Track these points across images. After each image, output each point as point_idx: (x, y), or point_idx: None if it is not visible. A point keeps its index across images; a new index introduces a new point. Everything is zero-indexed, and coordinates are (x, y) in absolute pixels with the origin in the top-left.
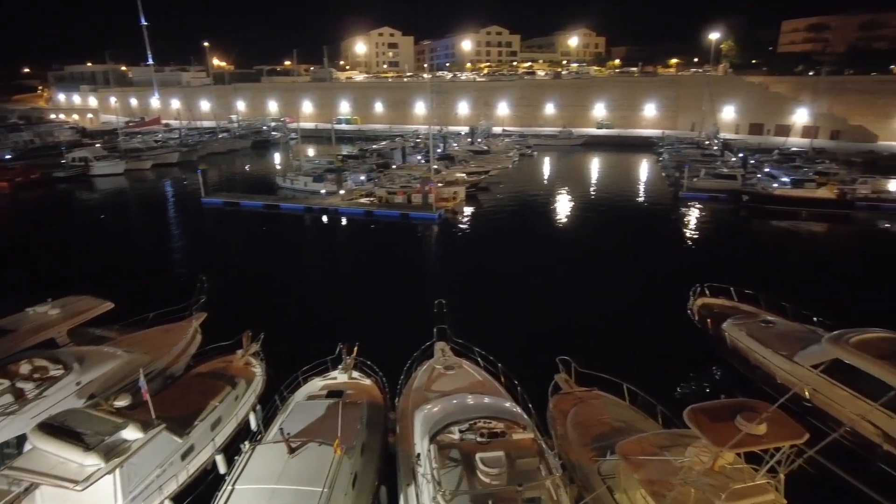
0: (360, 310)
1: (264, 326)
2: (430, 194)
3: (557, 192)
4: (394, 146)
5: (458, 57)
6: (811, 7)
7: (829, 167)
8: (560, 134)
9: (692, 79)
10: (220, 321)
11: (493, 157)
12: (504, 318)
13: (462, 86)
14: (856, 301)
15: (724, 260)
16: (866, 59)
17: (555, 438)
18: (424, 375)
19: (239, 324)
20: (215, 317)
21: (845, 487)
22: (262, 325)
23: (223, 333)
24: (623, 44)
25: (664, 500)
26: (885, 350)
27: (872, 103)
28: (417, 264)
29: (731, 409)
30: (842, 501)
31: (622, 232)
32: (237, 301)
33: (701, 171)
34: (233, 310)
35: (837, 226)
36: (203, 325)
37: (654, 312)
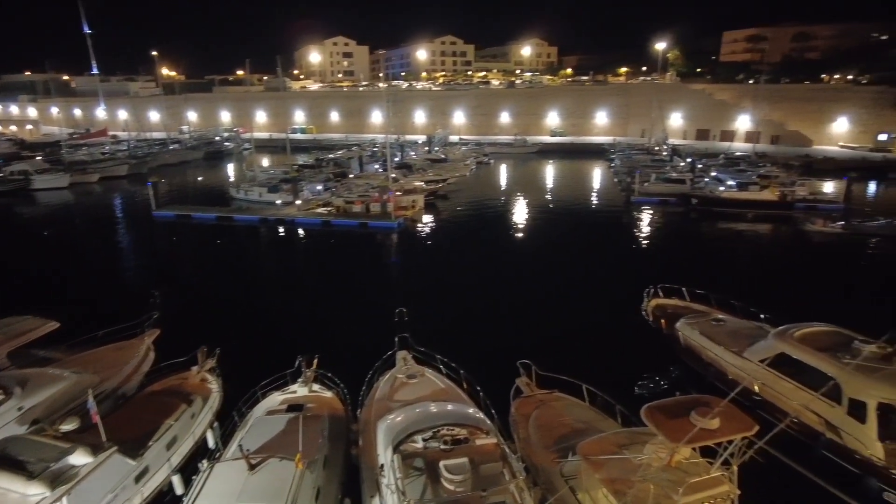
0: (320, 321)
1: (220, 341)
2: (388, 203)
3: (514, 199)
4: (351, 155)
5: (413, 66)
6: (749, 18)
7: (770, 170)
8: (515, 142)
9: (641, 87)
10: (174, 337)
11: (450, 166)
12: (466, 324)
13: (418, 95)
14: (798, 297)
15: (675, 261)
16: (800, 69)
17: (517, 442)
18: (386, 385)
19: (194, 339)
20: (169, 333)
21: (792, 474)
22: (218, 340)
23: (177, 350)
24: (574, 53)
25: (625, 497)
26: (825, 343)
27: (806, 110)
28: (377, 273)
29: (686, 405)
30: (789, 488)
31: (578, 236)
32: (191, 316)
33: (651, 176)
34: (187, 325)
35: (779, 226)
36: (156, 342)
37: (610, 314)
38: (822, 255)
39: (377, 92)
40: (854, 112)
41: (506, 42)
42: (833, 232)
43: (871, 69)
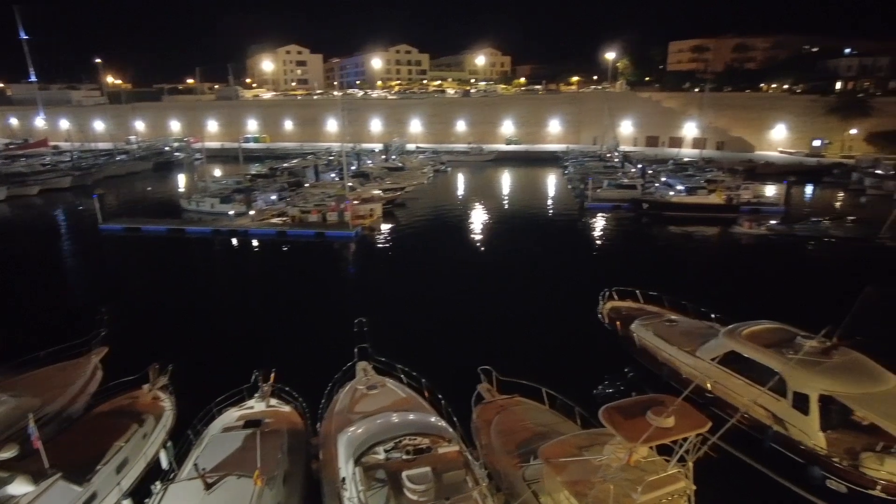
0: (276, 334)
1: (173, 358)
2: (345, 212)
3: (472, 207)
4: (306, 164)
5: (368, 75)
6: (694, 29)
7: (716, 175)
8: (472, 150)
9: (592, 95)
10: (123, 355)
11: (408, 174)
12: (426, 332)
13: (374, 103)
14: (745, 296)
15: (629, 264)
16: (741, 78)
17: (480, 448)
18: (346, 397)
19: (145, 356)
20: (118, 350)
21: (743, 467)
22: (171, 356)
23: (128, 368)
24: (527, 62)
25: (586, 499)
26: (770, 339)
27: (748, 117)
28: (335, 283)
29: (642, 405)
30: (741, 480)
31: (534, 242)
32: (142, 332)
33: (604, 183)
34: (138, 342)
35: (726, 227)
36: (104, 361)
37: (568, 317)
38: (762, 256)
39: (332, 100)
40: (790, 119)
41: (460, 51)
42: (757, 233)
43: (804, 79)
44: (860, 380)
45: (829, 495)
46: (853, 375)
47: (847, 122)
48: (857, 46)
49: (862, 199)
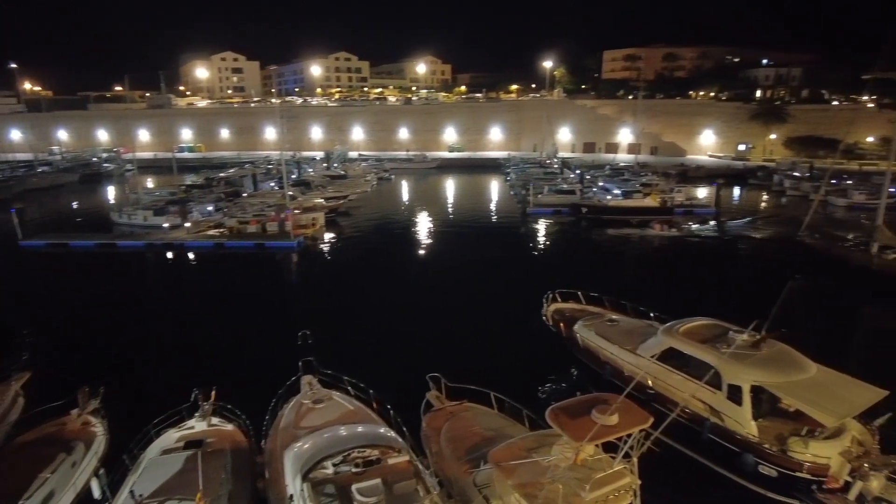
0: (217, 350)
1: (105, 380)
2: (286, 222)
3: (417, 214)
4: (243, 173)
5: (307, 82)
6: (626, 39)
7: (651, 179)
8: (415, 157)
9: (531, 103)
10: (49, 380)
11: (351, 182)
12: (373, 342)
13: (314, 111)
14: (681, 293)
15: (571, 267)
16: (671, 86)
17: (430, 456)
18: (292, 412)
19: (74, 380)
20: (43, 375)
21: (684, 459)
22: (103, 378)
23: (54, 393)
24: (467, 71)
25: (536, 500)
26: (705, 335)
27: (679, 123)
28: (277, 295)
29: (587, 404)
30: (682, 472)
31: (479, 248)
32: (70, 354)
33: (544, 189)
34: (65, 365)
35: (661, 229)
36: (26, 387)
37: (514, 321)
38: (696, 255)
39: (270, 108)
40: (717, 125)
41: (400, 59)
42: (669, 235)
43: (729, 87)
44: (786, 369)
45: (761, 480)
46: (780, 366)
47: (767, 128)
48: (772, 58)
49: (783, 200)
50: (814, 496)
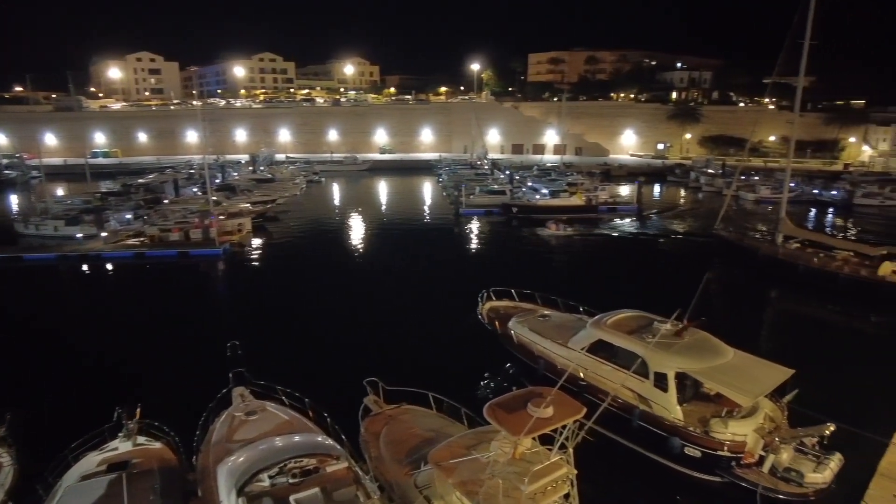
0: (140, 366)
1: (12, 405)
2: (211, 228)
3: (349, 217)
4: (164, 179)
5: (230, 83)
6: (550, 42)
7: (576, 179)
8: (346, 160)
9: (461, 105)
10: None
11: (279, 185)
12: (307, 350)
13: (238, 113)
14: (608, 287)
15: (503, 265)
16: (593, 88)
17: (370, 461)
18: (224, 426)
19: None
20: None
21: (616, 446)
22: (9, 403)
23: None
24: (395, 73)
25: (476, 497)
26: (632, 326)
27: (601, 124)
28: (203, 305)
29: (522, 398)
30: (615, 458)
31: (414, 250)
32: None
33: (476, 189)
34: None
35: (588, 226)
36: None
37: (450, 321)
38: (620, 249)
39: (191, 110)
40: (637, 125)
41: (327, 60)
42: (564, 234)
43: (647, 89)
44: (706, 356)
45: (687, 461)
46: (701, 352)
47: (683, 128)
48: (685, 62)
49: (699, 196)
50: (733, 472)
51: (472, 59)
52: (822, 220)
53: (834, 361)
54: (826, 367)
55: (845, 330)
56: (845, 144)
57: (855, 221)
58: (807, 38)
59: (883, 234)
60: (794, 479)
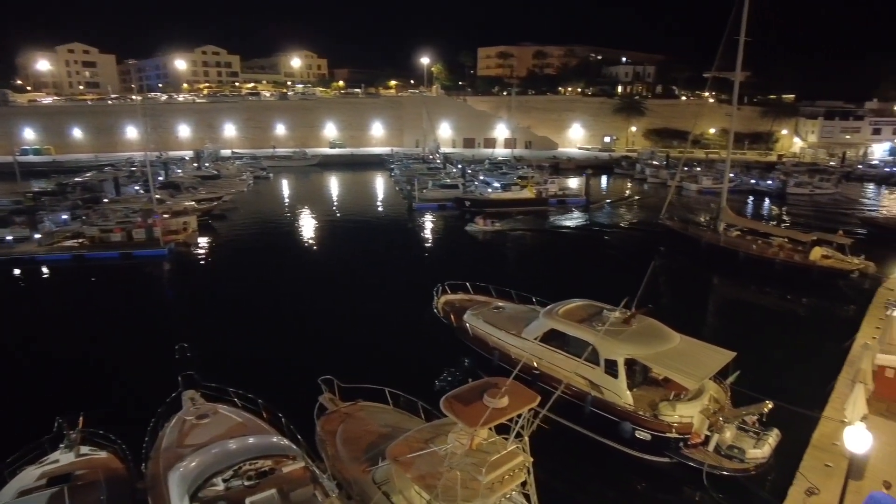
0: (83, 373)
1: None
2: (155, 228)
3: (300, 213)
4: (103, 177)
5: (172, 77)
6: (499, 37)
7: (527, 172)
8: (295, 154)
9: (411, 99)
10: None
11: (225, 182)
12: (259, 350)
13: (180, 108)
14: (560, 277)
15: (457, 259)
16: (542, 82)
17: (327, 460)
18: (174, 431)
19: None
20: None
21: (571, 433)
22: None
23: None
24: (344, 66)
25: (435, 489)
26: (582, 315)
27: (550, 118)
28: (149, 308)
29: (478, 389)
30: (569, 445)
31: (368, 245)
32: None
33: (429, 184)
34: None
35: (539, 219)
36: None
37: (406, 316)
38: (570, 241)
39: (131, 105)
40: (585, 119)
41: (273, 53)
42: (492, 230)
43: (594, 83)
44: (653, 342)
45: (638, 444)
46: (648, 339)
47: (629, 121)
48: (630, 56)
49: (645, 187)
50: (681, 453)
51: (422, 52)
52: (759, 209)
53: (771, 342)
54: (764, 348)
55: (781, 312)
56: (779, 136)
57: (788, 209)
58: (742, 35)
59: (813, 221)
60: (737, 456)
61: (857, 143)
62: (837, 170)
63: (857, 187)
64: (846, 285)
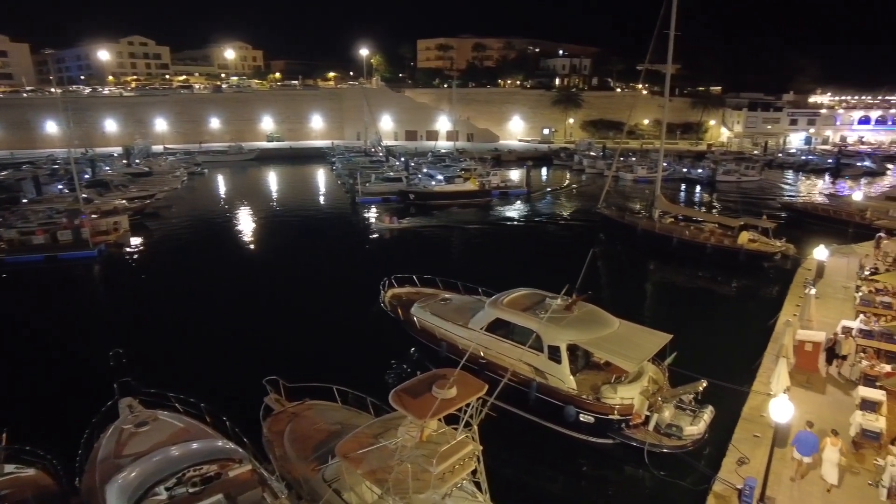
0: (4, 386)
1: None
2: (83, 228)
3: (238, 210)
4: (21, 176)
5: (95, 69)
6: (438, 28)
7: (469, 164)
8: (231, 149)
9: (351, 91)
10: None
11: (157, 179)
12: (200, 353)
13: (107, 101)
14: (504, 267)
15: (403, 252)
16: (482, 75)
17: (275, 462)
18: (111, 441)
19: None
20: None
21: (518, 419)
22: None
23: None
24: (281, 58)
25: (386, 484)
26: (526, 303)
27: (490, 111)
28: (79, 313)
29: (427, 381)
30: (517, 431)
31: (311, 241)
32: None
33: (371, 177)
34: None
35: (482, 210)
36: None
37: (352, 311)
38: (512, 231)
39: (50, 98)
40: (524, 111)
41: (205, 45)
42: (399, 227)
43: (532, 76)
44: (594, 327)
45: (582, 427)
46: (589, 324)
47: (566, 113)
48: (567, 49)
49: (583, 177)
50: (623, 433)
51: (361, 44)
52: (691, 196)
53: (705, 323)
54: (698, 329)
55: (713, 294)
56: (708, 127)
57: (718, 196)
58: (672, 29)
59: (740, 207)
60: (675, 434)
61: (777, 133)
62: (761, 158)
63: (779, 174)
64: (770, 267)
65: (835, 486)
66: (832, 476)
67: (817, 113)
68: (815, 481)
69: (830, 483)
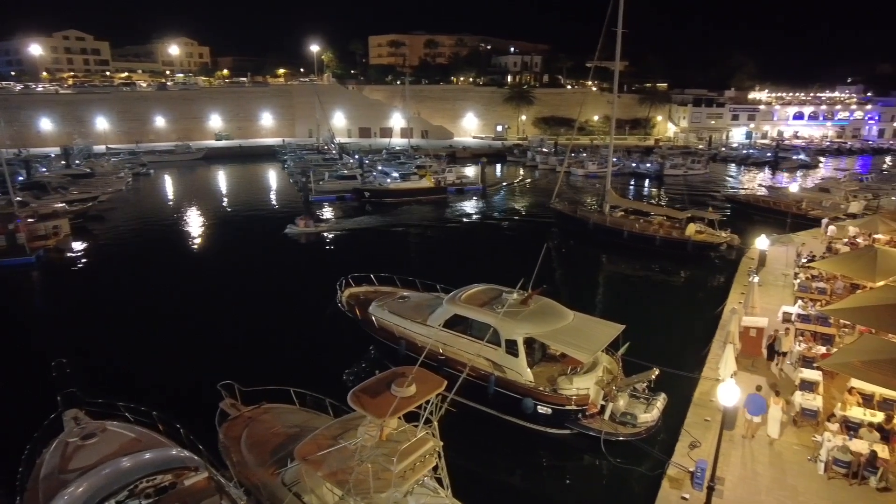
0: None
1: None
2: (18, 233)
3: (186, 211)
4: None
5: (27, 65)
6: (389, 24)
7: (424, 162)
8: (177, 148)
9: (302, 88)
10: None
11: (100, 181)
12: (150, 359)
13: (41, 99)
14: (461, 264)
15: (360, 251)
16: (434, 72)
17: (232, 468)
18: (55, 455)
19: None
20: None
21: (478, 414)
22: None
23: None
24: (228, 54)
25: (347, 484)
26: (483, 299)
27: (444, 108)
28: (16, 323)
29: (386, 380)
30: (477, 425)
31: (263, 242)
32: None
33: (325, 175)
34: None
35: (438, 207)
36: None
37: (309, 312)
38: (468, 227)
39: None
40: (477, 108)
41: (148, 40)
42: (315, 231)
43: (484, 73)
44: (550, 320)
45: (540, 419)
46: (545, 317)
47: (519, 110)
48: (518, 46)
49: (536, 173)
50: (579, 423)
51: (311, 40)
52: (640, 190)
53: (656, 313)
54: (650, 318)
55: (663, 284)
56: (655, 122)
57: (666, 190)
58: (619, 27)
59: (687, 200)
60: (630, 422)
61: (720, 128)
62: (706, 152)
63: (722, 168)
64: (717, 256)
65: (778, 460)
66: (775, 431)
67: (756, 109)
68: (762, 441)
69: (772, 437)
